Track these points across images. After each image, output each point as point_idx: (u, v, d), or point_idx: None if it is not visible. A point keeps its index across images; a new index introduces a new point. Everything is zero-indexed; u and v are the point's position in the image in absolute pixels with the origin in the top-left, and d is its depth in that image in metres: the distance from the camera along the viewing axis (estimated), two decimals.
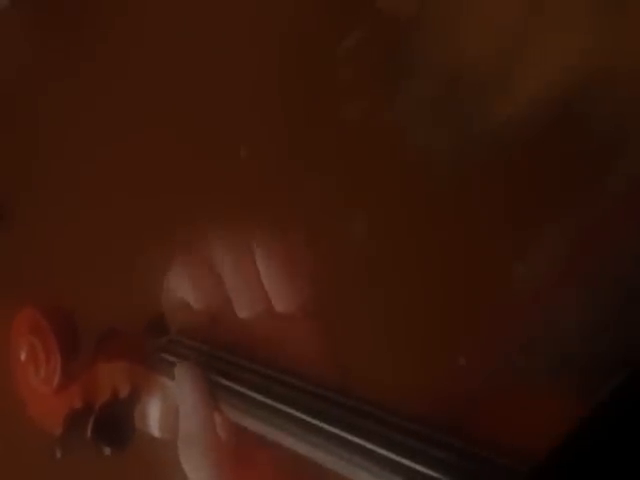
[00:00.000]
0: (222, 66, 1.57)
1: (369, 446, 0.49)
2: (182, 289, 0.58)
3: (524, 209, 1.37)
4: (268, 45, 1.56)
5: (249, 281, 0.57)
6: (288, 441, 0.53)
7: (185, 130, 1.54)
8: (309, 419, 0.53)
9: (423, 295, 1.36)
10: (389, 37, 1.55)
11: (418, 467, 0.47)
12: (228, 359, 0.58)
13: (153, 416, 0.61)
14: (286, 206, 1.42)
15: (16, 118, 1.58)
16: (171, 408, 0.58)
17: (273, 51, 1.56)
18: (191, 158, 1.51)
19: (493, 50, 1.49)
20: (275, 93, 1.54)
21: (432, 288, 1.36)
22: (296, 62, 1.56)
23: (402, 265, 1.39)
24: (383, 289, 1.37)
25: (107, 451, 0.61)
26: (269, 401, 0.55)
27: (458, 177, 1.42)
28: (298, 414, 0.53)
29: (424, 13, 1.53)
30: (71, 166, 1.54)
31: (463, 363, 1.23)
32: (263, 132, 1.51)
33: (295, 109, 1.53)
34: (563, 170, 1.37)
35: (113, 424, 0.61)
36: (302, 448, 0.53)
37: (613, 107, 1.38)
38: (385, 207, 1.45)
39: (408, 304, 1.35)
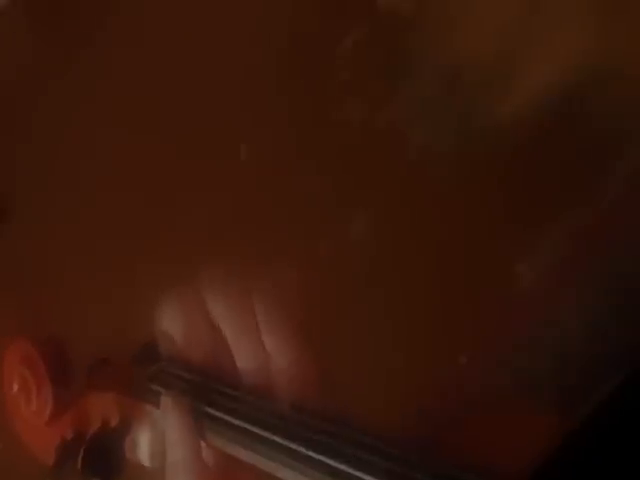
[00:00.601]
0: (221, 64, 1.57)
1: (354, 472, 0.52)
2: (174, 325, 0.59)
3: (525, 208, 1.36)
4: (266, 44, 1.56)
5: (249, 333, 0.57)
6: (273, 468, 0.55)
7: (185, 129, 1.53)
8: (294, 447, 0.55)
9: (424, 295, 1.35)
10: (389, 36, 1.55)
11: None
12: (214, 388, 0.60)
13: (143, 445, 0.61)
14: (285, 206, 1.42)
15: (16, 113, 1.58)
16: (160, 437, 0.58)
17: (271, 50, 1.56)
18: (191, 158, 1.50)
19: (493, 49, 1.49)
20: (273, 92, 1.54)
21: (433, 288, 1.36)
22: (295, 61, 1.56)
23: (402, 264, 1.39)
24: (383, 289, 1.37)
25: None
26: (254, 429, 0.57)
27: (458, 176, 1.42)
28: (282, 441, 0.55)
29: (423, 12, 1.53)
30: (74, 156, 1.54)
31: (464, 362, 1.23)
32: (261, 132, 1.50)
33: (294, 108, 1.53)
34: (564, 169, 1.37)
35: (102, 455, 0.62)
36: (286, 474, 0.54)
37: (614, 106, 1.38)
38: (385, 207, 1.45)
39: (408, 303, 1.35)
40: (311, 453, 0.54)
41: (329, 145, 1.50)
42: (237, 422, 0.57)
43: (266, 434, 0.56)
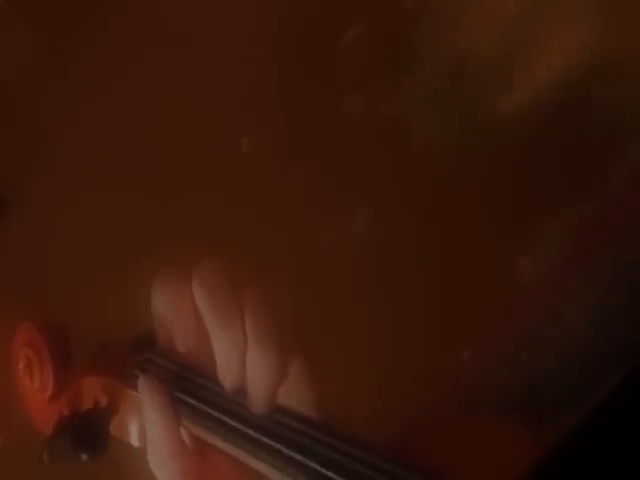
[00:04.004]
0: (222, 58, 1.56)
1: (323, 471, 0.54)
2: (162, 314, 0.60)
3: (527, 204, 1.36)
4: (269, 38, 1.56)
5: (231, 331, 0.57)
6: (247, 459, 0.57)
7: (187, 124, 1.53)
8: (268, 441, 0.56)
9: (425, 290, 1.35)
10: (392, 29, 1.55)
11: None
12: (194, 378, 0.61)
13: (132, 427, 0.65)
14: (287, 200, 1.42)
15: (17, 112, 1.58)
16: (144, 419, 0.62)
17: (274, 43, 1.55)
18: (192, 154, 1.50)
19: (496, 44, 1.48)
20: (275, 87, 1.54)
21: (434, 283, 1.36)
22: (297, 56, 1.55)
23: (404, 260, 1.39)
24: (384, 284, 1.37)
25: (83, 457, 0.66)
26: (230, 421, 0.58)
27: (460, 171, 1.42)
28: (257, 435, 0.57)
29: (426, 4, 1.52)
30: (75, 152, 1.54)
31: (466, 357, 1.23)
32: (264, 126, 1.50)
33: (296, 102, 1.53)
34: (566, 165, 1.37)
35: (89, 432, 0.66)
36: (259, 466, 0.56)
37: (616, 103, 1.38)
38: (387, 201, 1.44)
39: (410, 300, 1.35)
40: (284, 449, 0.56)
41: (331, 139, 1.50)
42: (213, 412, 0.59)
43: (241, 427, 0.58)
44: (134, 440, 0.65)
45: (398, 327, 1.32)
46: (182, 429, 0.60)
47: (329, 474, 0.54)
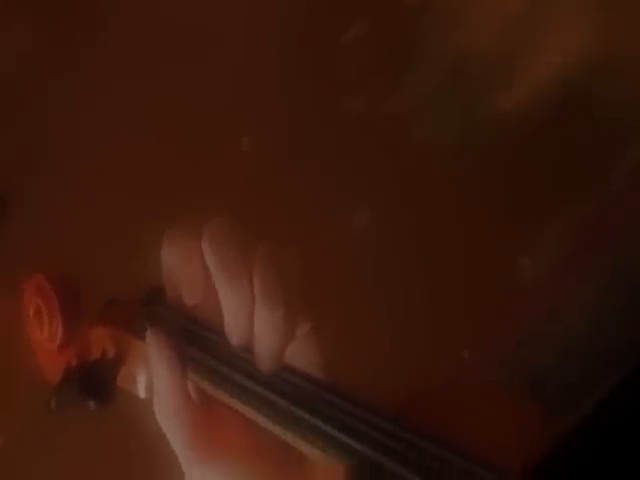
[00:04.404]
0: (224, 56, 1.56)
1: (323, 427, 0.55)
2: (172, 268, 0.60)
3: (527, 203, 1.36)
4: (271, 35, 1.56)
5: (239, 289, 0.57)
6: (252, 414, 0.58)
7: (187, 122, 1.53)
8: (275, 398, 0.57)
9: (425, 290, 1.35)
10: (392, 28, 1.55)
11: (365, 449, 0.54)
12: (201, 332, 0.61)
13: (139, 379, 0.66)
14: (286, 199, 1.42)
15: (18, 109, 1.58)
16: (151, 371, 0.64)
17: (276, 41, 1.55)
18: (193, 150, 1.50)
19: (496, 41, 1.48)
20: (277, 84, 1.54)
21: (434, 283, 1.35)
22: (299, 52, 1.55)
23: (404, 259, 1.39)
24: (384, 283, 1.37)
25: (91, 405, 0.67)
26: (236, 376, 0.59)
27: (460, 170, 1.42)
28: (261, 391, 0.58)
29: (427, 3, 1.52)
30: (76, 150, 1.54)
31: (466, 356, 1.23)
32: (265, 123, 1.50)
33: (297, 101, 1.53)
34: (567, 163, 1.37)
35: (95, 381, 0.68)
36: (263, 422, 0.58)
37: (616, 102, 1.38)
38: (388, 199, 1.44)
39: (410, 298, 1.35)
40: (290, 406, 0.57)
41: (331, 138, 1.50)
42: (220, 367, 0.60)
43: (248, 383, 0.59)
44: (141, 392, 0.66)
45: (398, 327, 1.32)
46: (189, 382, 0.61)
47: (334, 432, 0.55)
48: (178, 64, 1.56)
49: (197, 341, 0.61)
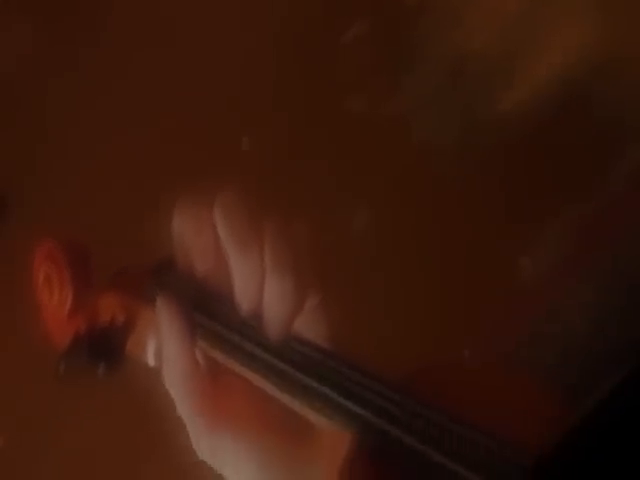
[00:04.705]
0: (224, 56, 1.56)
1: (331, 395, 0.56)
2: (183, 237, 0.61)
3: (527, 203, 1.36)
4: (270, 37, 1.56)
5: (250, 258, 0.58)
6: (260, 382, 0.59)
7: (187, 122, 1.53)
8: (283, 367, 0.58)
9: (425, 289, 1.35)
10: (392, 28, 1.55)
11: (371, 417, 0.55)
12: (212, 300, 0.61)
13: (148, 346, 0.67)
14: (287, 197, 1.42)
15: (17, 112, 1.58)
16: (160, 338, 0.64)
17: (276, 41, 1.55)
18: (193, 149, 1.50)
19: (496, 41, 1.48)
20: (277, 85, 1.54)
21: (435, 283, 1.35)
22: (299, 52, 1.55)
23: (404, 258, 1.39)
24: (384, 283, 1.37)
25: (100, 369, 0.68)
26: (247, 345, 0.59)
27: (461, 169, 1.42)
28: (270, 359, 0.58)
29: (427, 3, 1.52)
30: (76, 150, 1.54)
31: (467, 355, 1.23)
32: (265, 123, 1.50)
33: (297, 101, 1.53)
34: (567, 163, 1.37)
35: (104, 346, 0.69)
36: (271, 390, 0.58)
37: (617, 99, 1.38)
38: (387, 198, 1.44)
39: (410, 298, 1.35)
40: (298, 374, 0.57)
41: (331, 138, 1.50)
42: (229, 335, 0.60)
43: (257, 350, 0.59)
44: (150, 359, 0.66)
45: (398, 327, 1.32)
46: (197, 350, 0.61)
47: (341, 400, 0.56)
48: (178, 64, 1.57)
49: (207, 309, 0.61)
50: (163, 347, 0.61)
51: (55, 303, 0.73)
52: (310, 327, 0.60)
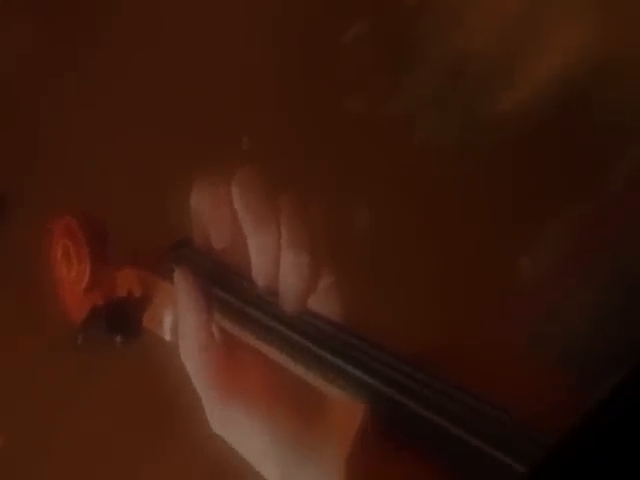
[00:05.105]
0: (224, 56, 1.56)
1: (344, 366, 0.57)
2: (201, 213, 0.62)
3: (527, 203, 1.36)
4: (270, 37, 1.56)
5: (267, 233, 0.59)
6: (276, 355, 0.60)
7: (187, 122, 1.53)
8: (299, 339, 0.59)
9: (425, 289, 1.35)
10: (392, 28, 1.55)
11: (385, 388, 0.55)
12: (229, 276, 0.63)
13: (166, 321, 0.68)
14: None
15: (17, 112, 1.58)
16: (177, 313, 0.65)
17: (275, 41, 1.55)
18: (193, 150, 1.50)
19: (496, 41, 1.48)
20: (276, 85, 1.54)
21: (435, 283, 1.36)
22: (299, 52, 1.55)
23: (404, 259, 1.39)
24: (384, 283, 1.37)
25: (118, 339, 0.70)
26: (262, 317, 0.61)
27: (461, 170, 1.42)
28: (288, 332, 0.59)
29: (427, 3, 1.52)
30: (76, 150, 1.54)
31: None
32: (265, 123, 1.50)
33: (297, 101, 1.53)
34: (566, 163, 1.37)
35: (121, 317, 0.71)
36: (285, 362, 0.59)
37: (617, 100, 1.38)
38: (388, 199, 1.44)
39: (410, 297, 1.35)
40: (313, 347, 0.58)
41: (331, 138, 1.50)
42: (245, 308, 0.62)
43: (272, 323, 0.60)
44: (166, 333, 0.67)
45: (398, 324, 1.32)
46: (213, 323, 0.62)
47: (354, 371, 0.56)
48: (178, 64, 1.57)
49: (223, 283, 0.62)
50: (179, 320, 0.62)
51: (73, 277, 0.75)
52: (323, 306, 0.61)
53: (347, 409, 0.57)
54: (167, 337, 0.68)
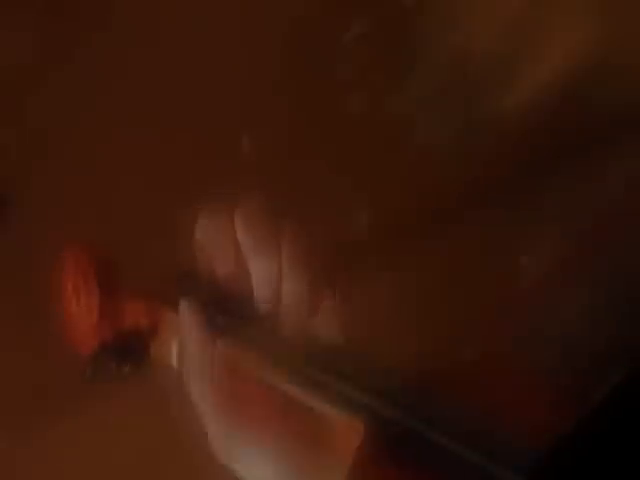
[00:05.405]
0: (224, 55, 1.57)
1: (344, 388, 0.59)
2: (205, 243, 0.64)
3: (527, 203, 1.36)
4: (270, 37, 1.56)
5: (269, 260, 0.61)
6: (278, 380, 0.62)
7: (187, 122, 1.53)
8: (299, 362, 0.62)
9: (425, 289, 1.35)
10: (393, 27, 1.55)
11: (385, 408, 0.57)
12: (232, 303, 0.65)
13: (172, 351, 0.71)
14: (285, 202, 1.42)
15: (17, 111, 1.58)
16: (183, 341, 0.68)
17: (274, 42, 1.55)
18: (193, 149, 1.50)
19: (497, 41, 1.48)
20: (276, 85, 1.54)
21: (434, 282, 1.35)
22: (299, 52, 1.55)
23: (404, 259, 1.39)
24: (384, 284, 1.37)
25: (126, 370, 0.72)
26: (267, 343, 0.63)
27: (461, 169, 1.42)
28: (288, 356, 0.62)
29: (427, 3, 1.52)
30: (76, 150, 1.54)
31: (467, 356, 1.23)
32: (264, 124, 1.50)
33: (297, 101, 1.53)
34: (566, 164, 1.37)
35: (129, 348, 0.73)
36: (287, 386, 0.61)
37: (617, 101, 1.38)
38: (388, 199, 1.44)
39: (410, 298, 1.35)
40: (317, 373, 0.61)
41: (331, 138, 1.50)
42: (249, 334, 0.62)
43: (276, 349, 0.63)
44: (173, 362, 0.70)
45: (399, 324, 1.32)
46: (217, 350, 0.64)
47: (354, 392, 0.59)
48: (178, 64, 1.57)
49: (228, 311, 0.65)
50: (185, 349, 0.64)
51: (83, 312, 0.76)
52: (325, 328, 0.62)
53: (350, 432, 0.58)
54: (174, 365, 0.69)
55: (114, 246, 0.77)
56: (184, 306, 0.65)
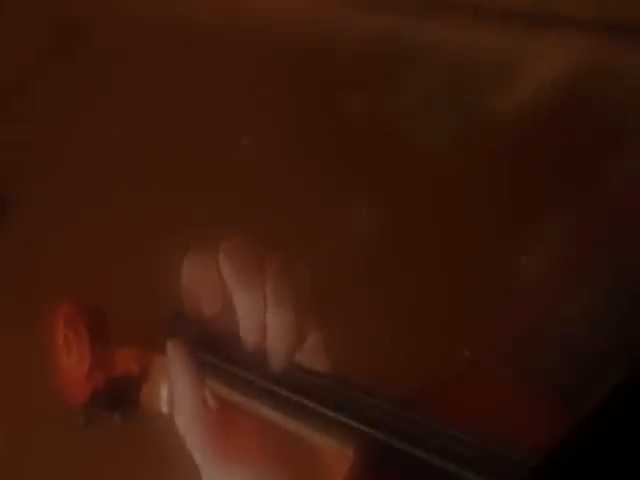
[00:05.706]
0: (223, 55, 1.57)
1: (335, 416, 0.58)
2: (189, 282, 0.63)
3: (527, 202, 1.36)
4: (270, 37, 1.56)
5: (253, 295, 0.61)
6: (273, 416, 0.61)
7: (187, 121, 1.53)
8: (295, 397, 0.60)
9: (426, 290, 1.35)
10: (393, 27, 1.55)
11: (376, 434, 0.56)
12: (219, 342, 0.65)
13: (162, 394, 0.71)
14: (286, 199, 1.42)
15: (17, 112, 1.59)
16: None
17: (274, 42, 1.55)
18: (193, 148, 1.51)
19: (497, 41, 1.49)
20: (276, 85, 1.54)
21: (435, 283, 1.36)
22: (299, 52, 1.56)
23: (403, 258, 1.39)
24: (384, 282, 1.37)
25: (117, 417, 0.72)
26: (254, 379, 0.62)
27: (461, 169, 1.42)
28: (278, 390, 0.61)
29: (428, 3, 1.53)
30: (76, 149, 1.54)
31: (468, 356, 1.23)
32: (265, 123, 1.50)
33: (297, 101, 1.53)
34: (566, 164, 1.37)
35: (120, 396, 0.73)
36: (282, 421, 0.61)
37: (617, 100, 1.38)
38: (387, 199, 1.45)
39: (410, 298, 1.35)
40: (302, 399, 0.60)
41: (331, 139, 1.50)
42: (237, 371, 0.64)
43: (264, 383, 0.62)
44: (163, 406, 0.70)
45: (398, 327, 1.32)
46: (207, 390, 0.64)
47: (344, 419, 0.58)
48: (178, 64, 1.57)
49: (214, 349, 0.65)
50: (173, 389, 0.65)
51: (74, 363, 0.77)
52: (311, 361, 0.63)
53: (340, 459, 0.59)
54: (164, 410, 0.70)
55: (102, 295, 0.77)
56: (172, 347, 0.64)
